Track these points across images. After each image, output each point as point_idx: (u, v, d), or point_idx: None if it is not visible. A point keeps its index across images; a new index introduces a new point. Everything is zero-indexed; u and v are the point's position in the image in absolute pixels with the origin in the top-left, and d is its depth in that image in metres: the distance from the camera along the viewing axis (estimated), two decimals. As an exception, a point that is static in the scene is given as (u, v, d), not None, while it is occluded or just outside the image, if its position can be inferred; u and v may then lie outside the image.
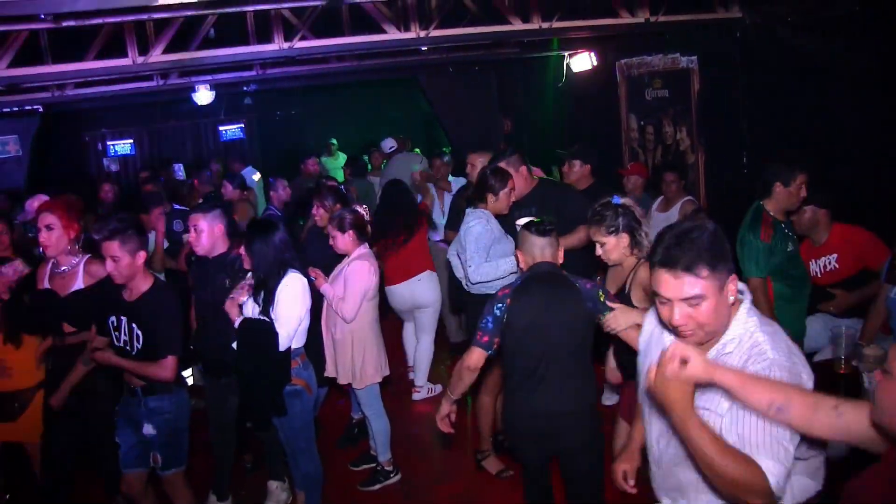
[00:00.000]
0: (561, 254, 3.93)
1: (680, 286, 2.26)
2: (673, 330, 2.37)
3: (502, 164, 5.28)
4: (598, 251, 3.94)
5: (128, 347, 4.18)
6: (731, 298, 2.34)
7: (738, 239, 4.82)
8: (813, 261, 5.17)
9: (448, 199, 7.61)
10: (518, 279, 3.89)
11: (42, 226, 4.53)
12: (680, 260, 2.25)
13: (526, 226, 3.94)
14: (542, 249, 3.85)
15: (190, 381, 6.18)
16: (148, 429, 4.28)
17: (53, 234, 4.52)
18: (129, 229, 4.11)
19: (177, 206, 7.46)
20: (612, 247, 3.87)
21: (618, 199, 3.91)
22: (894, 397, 1.89)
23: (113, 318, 4.22)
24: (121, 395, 4.42)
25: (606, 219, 3.85)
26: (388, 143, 10.85)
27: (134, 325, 4.16)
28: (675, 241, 2.27)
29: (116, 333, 4.22)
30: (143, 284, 4.19)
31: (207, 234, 4.76)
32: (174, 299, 4.33)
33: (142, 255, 4.18)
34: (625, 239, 3.86)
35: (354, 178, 9.69)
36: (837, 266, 5.06)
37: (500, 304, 3.79)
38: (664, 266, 2.27)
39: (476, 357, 3.76)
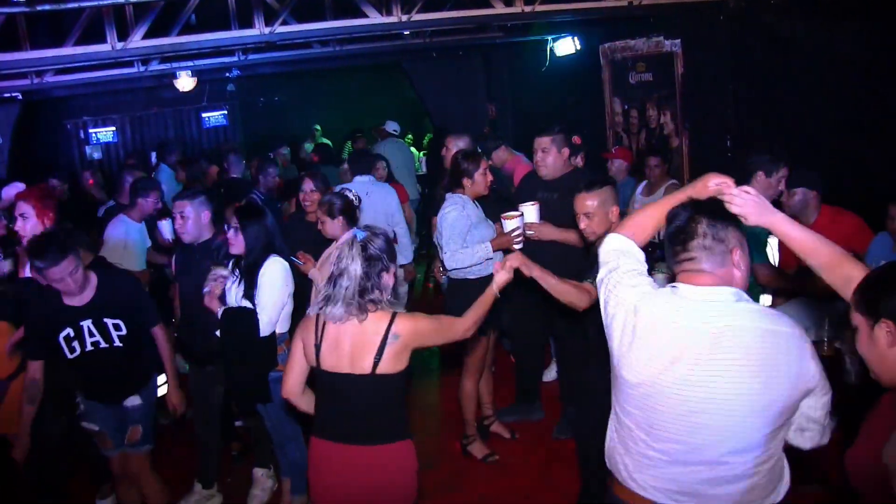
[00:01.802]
0: None
1: None
2: None
3: (548, 139, 5.26)
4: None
5: (103, 345, 4.16)
6: None
7: None
8: None
9: None
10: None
11: (17, 215, 4.52)
12: None
13: None
14: None
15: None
16: (133, 400, 4.34)
17: (28, 223, 4.52)
18: (67, 242, 4.01)
19: None
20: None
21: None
22: (865, 346, 2.10)
23: (68, 331, 4.11)
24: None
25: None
26: (393, 126, 10.77)
27: (106, 320, 4.13)
28: None
29: (76, 343, 4.13)
30: (90, 282, 4.14)
31: (193, 220, 4.76)
32: (126, 273, 4.45)
33: (87, 258, 4.32)
34: None
35: (323, 166, 9.59)
36: None
37: None
38: None
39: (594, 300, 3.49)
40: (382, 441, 3.28)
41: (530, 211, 5.01)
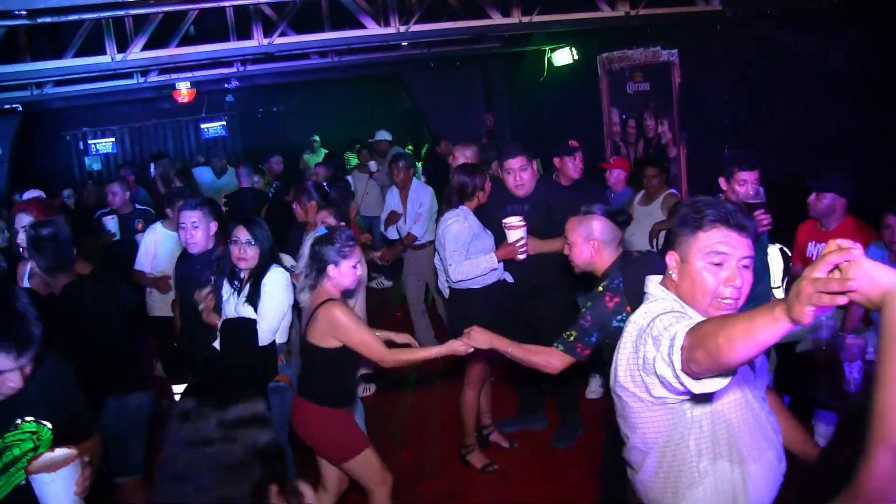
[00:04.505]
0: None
1: (744, 244, 2.30)
2: (711, 304, 2.30)
3: (523, 158, 5.18)
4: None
5: None
6: None
7: None
8: (813, 243, 5.16)
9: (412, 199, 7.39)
10: (617, 281, 3.49)
11: (19, 227, 4.50)
12: (747, 226, 2.32)
13: (607, 214, 3.65)
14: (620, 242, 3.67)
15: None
16: None
17: None
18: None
19: (139, 206, 7.38)
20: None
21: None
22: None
23: None
24: None
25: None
26: (386, 134, 10.79)
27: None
28: (736, 209, 2.34)
29: None
30: None
31: (203, 230, 4.76)
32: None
33: (86, 268, 4.21)
34: None
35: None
36: None
37: (619, 317, 3.39)
38: (733, 226, 2.29)
39: (565, 364, 3.49)
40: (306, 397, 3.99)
41: (519, 232, 4.94)
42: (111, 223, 6.85)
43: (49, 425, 2.60)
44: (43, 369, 2.54)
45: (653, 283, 2.50)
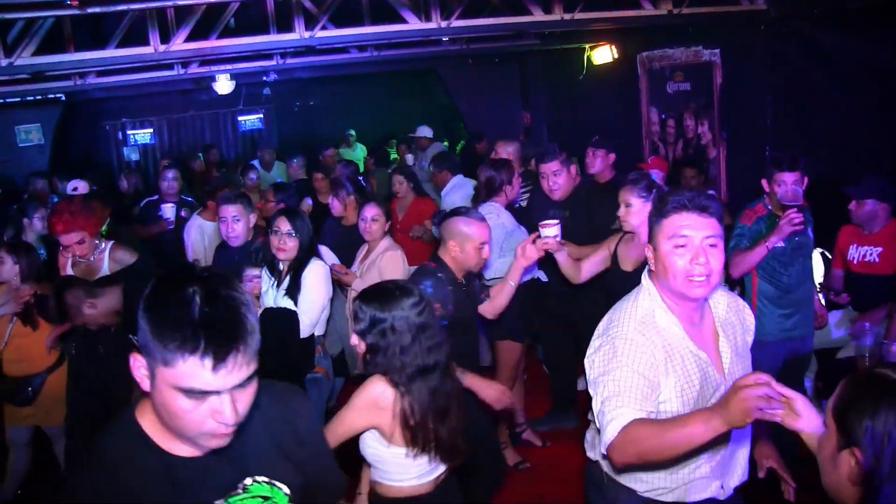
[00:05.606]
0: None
1: (707, 224, 2.40)
2: (683, 284, 2.41)
3: (557, 163, 5.19)
4: (622, 212, 4.32)
5: None
6: None
7: None
8: (854, 246, 5.08)
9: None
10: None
11: (72, 244, 4.61)
12: (708, 207, 2.42)
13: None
14: None
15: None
16: None
17: (85, 245, 4.63)
18: None
19: (183, 197, 7.44)
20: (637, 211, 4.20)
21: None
22: (826, 454, 1.75)
23: None
24: None
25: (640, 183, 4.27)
26: (427, 131, 10.79)
27: None
28: (697, 193, 2.46)
29: None
30: None
31: (244, 223, 4.81)
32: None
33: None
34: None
35: (377, 168, 9.75)
36: (878, 261, 4.94)
37: None
38: (693, 209, 2.40)
39: None
40: None
41: (553, 230, 4.92)
42: (170, 210, 6.86)
43: (286, 490, 1.92)
44: (272, 407, 1.94)
45: (644, 273, 2.63)
